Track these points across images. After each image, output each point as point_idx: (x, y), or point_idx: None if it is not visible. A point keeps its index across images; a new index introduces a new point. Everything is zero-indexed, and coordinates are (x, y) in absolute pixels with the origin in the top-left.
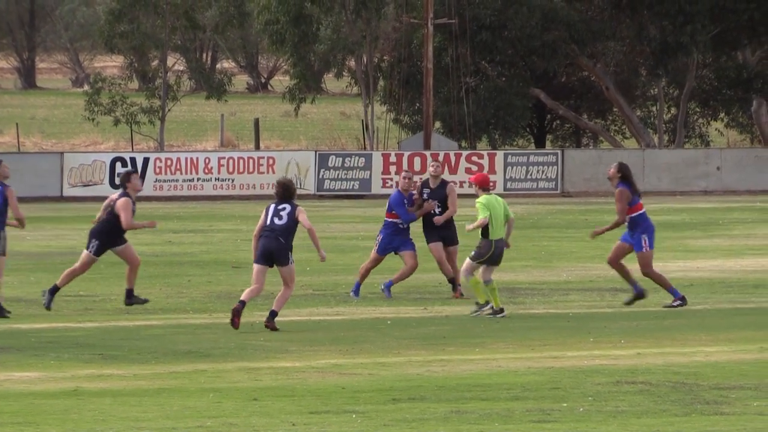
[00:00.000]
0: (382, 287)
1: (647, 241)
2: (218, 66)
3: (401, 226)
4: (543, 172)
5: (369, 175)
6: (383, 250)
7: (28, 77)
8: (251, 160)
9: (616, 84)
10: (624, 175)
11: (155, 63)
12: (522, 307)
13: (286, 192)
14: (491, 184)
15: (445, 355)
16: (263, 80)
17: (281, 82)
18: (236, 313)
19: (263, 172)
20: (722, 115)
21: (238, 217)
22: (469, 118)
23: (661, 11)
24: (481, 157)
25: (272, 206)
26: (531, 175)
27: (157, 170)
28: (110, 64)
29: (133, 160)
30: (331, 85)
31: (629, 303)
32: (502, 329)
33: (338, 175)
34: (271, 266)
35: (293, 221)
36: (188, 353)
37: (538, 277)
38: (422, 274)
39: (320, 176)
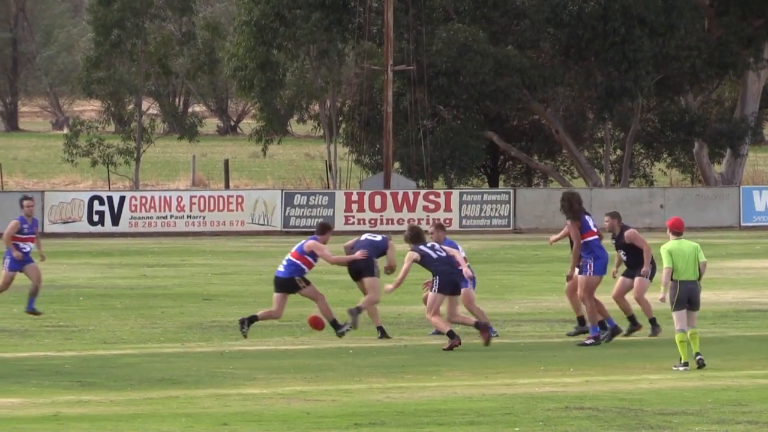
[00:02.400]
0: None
1: (592, 267)
2: (190, 110)
3: None
4: (496, 210)
5: (332, 213)
6: None
7: (10, 120)
8: (221, 199)
9: (565, 127)
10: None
11: (131, 107)
12: (476, 337)
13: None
14: (682, 228)
15: (404, 382)
16: (232, 123)
17: (249, 124)
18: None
19: (232, 210)
20: (665, 156)
21: (209, 252)
22: (426, 159)
23: (606, 58)
24: (438, 195)
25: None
26: (485, 212)
27: (133, 208)
28: (88, 108)
29: (110, 198)
30: (296, 127)
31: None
32: (458, 358)
33: (303, 212)
34: None
35: None
36: (162, 380)
37: (491, 309)
38: (382, 306)
39: (286, 214)
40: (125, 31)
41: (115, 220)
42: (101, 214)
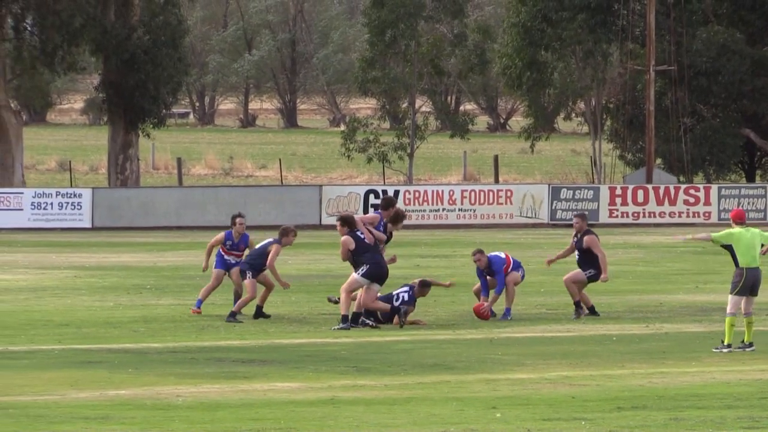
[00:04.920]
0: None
1: None
2: (461, 108)
3: None
4: (753, 203)
5: (597, 206)
6: None
7: (290, 117)
8: (491, 193)
9: None
10: None
11: (404, 105)
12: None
13: None
14: (744, 218)
15: (665, 368)
16: (502, 121)
17: (518, 122)
18: None
19: (502, 203)
20: None
21: (479, 244)
22: (686, 155)
23: None
24: (697, 190)
25: None
26: (742, 206)
27: (407, 201)
28: (363, 106)
29: (384, 192)
30: (562, 125)
31: None
32: (716, 345)
33: (569, 206)
34: None
35: None
36: (434, 366)
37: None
38: (644, 295)
39: (553, 207)
40: (399, 33)
41: None
42: (376, 207)
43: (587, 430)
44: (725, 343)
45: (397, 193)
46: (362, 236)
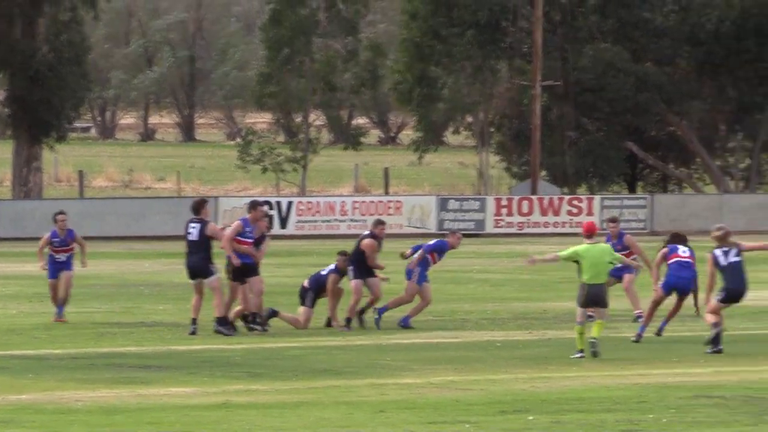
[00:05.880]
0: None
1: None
2: (353, 122)
3: None
4: (635, 214)
5: (483, 217)
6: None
7: (188, 131)
8: (381, 204)
9: (699, 137)
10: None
11: (299, 119)
12: (615, 331)
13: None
14: (594, 232)
15: (547, 372)
16: (392, 134)
17: (408, 135)
18: None
19: (391, 214)
20: None
21: None
22: (570, 168)
23: (739, 74)
24: (581, 201)
25: None
26: (624, 216)
27: (300, 212)
28: (260, 120)
29: (278, 203)
30: (451, 138)
31: None
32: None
33: (456, 216)
34: None
35: None
36: (324, 371)
37: (628, 305)
38: (528, 302)
39: (441, 218)
40: (295, 49)
41: (283, 224)
42: (270, 218)
43: None
44: (578, 349)
45: (290, 204)
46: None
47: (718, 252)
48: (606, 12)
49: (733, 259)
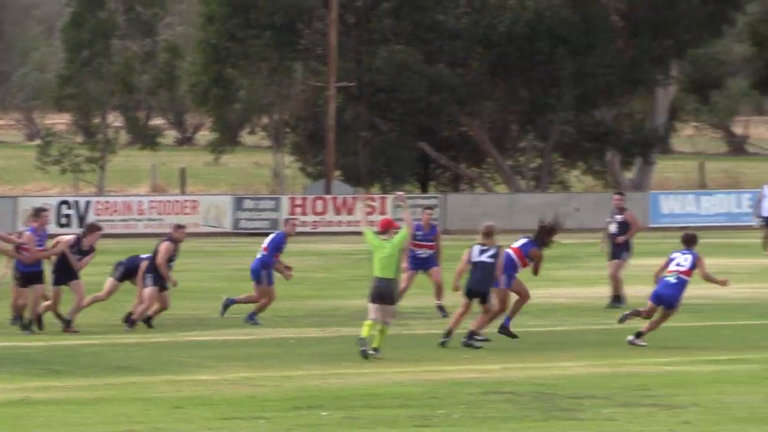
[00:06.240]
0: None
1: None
2: (151, 122)
3: None
4: (420, 213)
5: (278, 216)
6: None
7: None
8: (178, 203)
9: (490, 138)
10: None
11: (97, 120)
12: (406, 328)
13: None
14: (389, 228)
15: (340, 369)
16: (189, 135)
17: (204, 136)
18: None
19: (188, 213)
20: (580, 163)
21: None
22: (364, 168)
23: (531, 76)
24: (374, 200)
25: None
26: (417, 215)
27: (98, 212)
28: (59, 121)
29: (76, 203)
30: (247, 138)
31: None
32: (390, 347)
33: (252, 215)
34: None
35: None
36: (121, 368)
37: (422, 303)
38: (322, 300)
39: (236, 217)
40: (94, 52)
41: (82, 223)
42: (69, 217)
43: (266, 429)
44: (372, 346)
45: (89, 203)
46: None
47: (476, 248)
48: (400, 15)
49: (485, 258)
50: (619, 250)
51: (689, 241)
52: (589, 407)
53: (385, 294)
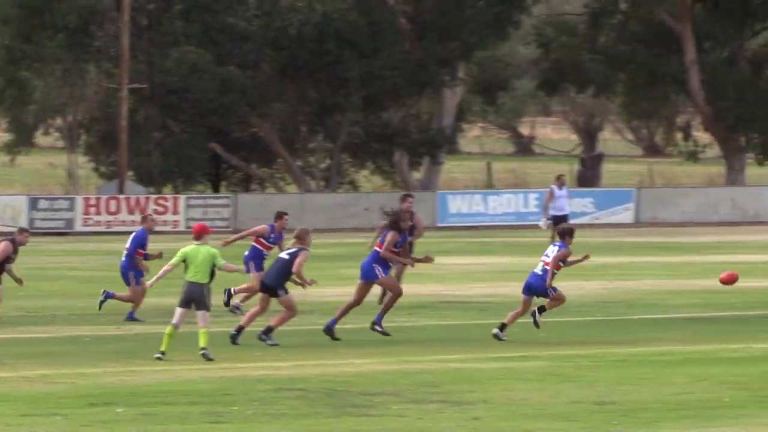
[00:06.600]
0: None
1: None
2: None
3: None
4: (219, 213)
5: (73, 216)
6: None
7: None
8: None
9: (281, 138)
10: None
11: None
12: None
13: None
14: (201, 233)
15: (135, 366)
16: None
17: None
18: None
19: None
20: (369, 164)
21: None
22: (156, 168)
23: (320, 77)
24: (166, 200)
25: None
26: (208, 215)
27: None
28: None
29: None
30: (42, 139)
31: None
32: (182, 345)
33: (47, 215)
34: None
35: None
36: None
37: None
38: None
39: (31, 216)
40: None
41: None
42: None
43: (62, 425)
44: (160, 350)
45: None
46: None
47: (292, 249)
48: (191, 17)
49: (284, 255)
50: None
51: (562, 235)
52: (380, 404)
53: (197, 299)
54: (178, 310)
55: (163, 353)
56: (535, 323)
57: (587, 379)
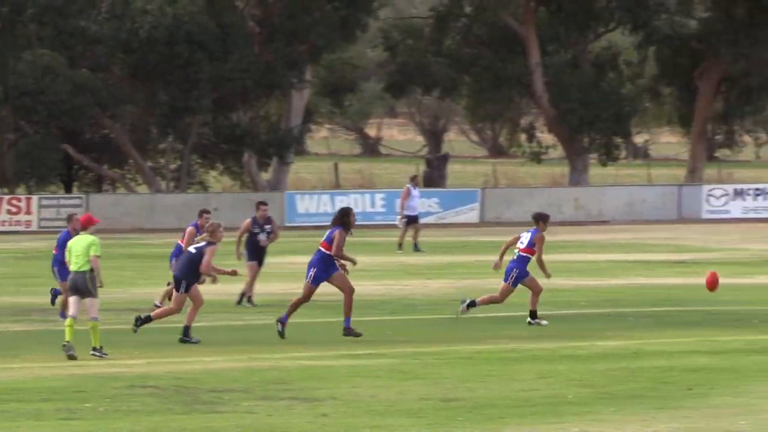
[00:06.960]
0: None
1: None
2: None
3: None
4: (65, 213)
5: None
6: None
7: None
8: None
9: (131, 140)
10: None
11: None
12: (53, 324)
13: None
14: (87, 224)
15: None
16: None
17: None
18: None
19: None
20: (219, 164)
21: None
22: (10, 169)
23: (171, 80)
24: (20, 200)
25: None
26: (61, 215)
27: None
28: None
29: None
30: None
31: None
32: (40, 343)
33: None
34: None
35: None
36: None
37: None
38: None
39: None
40: None
41: None
42: None
43: None
44: (66, 340)
45: None
46: None
47: (200, 244)
48: (44, 20)
49: (191, 248)
50: (264, 254)
51: (536, 220)
52: (229, 400)
53: (81, 287)
54: (71, 300)
55: (68, 342)
56: (535, 323)
57: (434, 377)
